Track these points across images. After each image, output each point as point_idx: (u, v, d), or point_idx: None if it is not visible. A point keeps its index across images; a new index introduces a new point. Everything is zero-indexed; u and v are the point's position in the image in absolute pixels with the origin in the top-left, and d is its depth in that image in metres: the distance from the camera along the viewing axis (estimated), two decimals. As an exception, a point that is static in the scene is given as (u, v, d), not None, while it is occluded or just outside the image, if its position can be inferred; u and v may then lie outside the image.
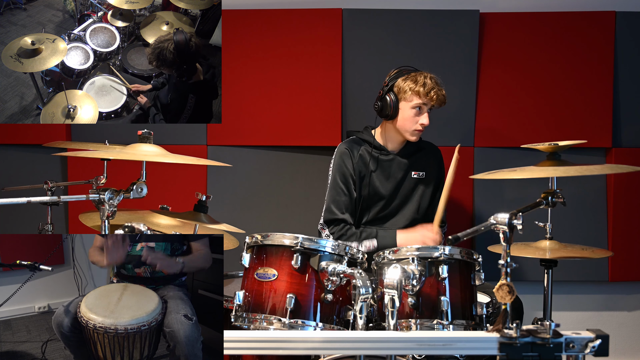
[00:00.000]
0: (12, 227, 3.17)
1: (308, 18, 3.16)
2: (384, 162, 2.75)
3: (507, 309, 1.59)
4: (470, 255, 2.06)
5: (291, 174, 3.24)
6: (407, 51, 3.16)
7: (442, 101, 2.63)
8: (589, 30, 3.17)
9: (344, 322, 2.01)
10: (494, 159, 3.19)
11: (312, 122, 3.18)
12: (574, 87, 3.19)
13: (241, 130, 3.20)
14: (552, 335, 1.55)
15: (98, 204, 2.00)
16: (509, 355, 1.55)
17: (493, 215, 1.67)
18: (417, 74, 2.63)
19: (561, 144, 2.10)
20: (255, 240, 2.07)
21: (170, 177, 3.14)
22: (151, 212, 2.47)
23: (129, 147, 2.14)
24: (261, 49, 3.17)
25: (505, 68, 3.19)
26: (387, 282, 1.78)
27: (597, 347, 1.55)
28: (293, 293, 1.94)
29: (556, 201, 1.98)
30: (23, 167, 3.19)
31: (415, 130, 2.66)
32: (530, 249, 2.25)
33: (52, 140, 2.90)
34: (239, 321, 1.99)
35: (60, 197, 2.02)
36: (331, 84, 3.17)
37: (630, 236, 3.22)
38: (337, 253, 2.01)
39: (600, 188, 3.23)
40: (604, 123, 3.19)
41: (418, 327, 1.97)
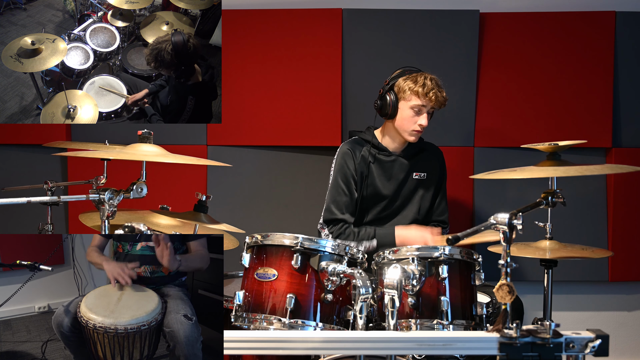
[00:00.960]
0: (12, 227, 3.17)
1: (308, 18, 3.16)
2: (385, 163, 2.74)
3: (507, 309, 1.58)
4: (470, 255, 2.06)
5: (291, 174, 3.24)
6: (407, 51, 3.16)
7: (441, 103, 2.63)
8: (589, 30, 3.17)
9: (344, 322, 2.00)
10: (494, 159, 3.19)
11: (312, 122, 3.18)
12: (574, 87, 3.19)
13: (241, 130, 3.20)
14: (552, 335, 1.55)
15: (98, 204, 2.00)
16: (509, 355, 1.55)
17: (493, 215, 1.67)
18: (418, 75, 2.63)
19: (561, 144, 2.10)
20: (255, 240, 2.07)
21: (170, 177, 3.14)
22: (151, 212, 2.47)
23: (129, 147, 2.14)
24: (261, 49, 3.17)
25: (505, 68, 3.19)
26: (387, 282, 1.78)
27: (597, 347, 1.55)
28: (293, 293, 1.94)
29: (556, 201, 1.98)
30: (23, 167, 3.19)
31: (414, 130, 2.66)
32: (530, 249, 2.25)
33: (52, 140, 2.90)
34: (239, 321, 1.99)
35: (60, 197, 2.02)
36: (331, 84, 3.17)
37: (630, 236, 3.22)
38: (337, 253, 2.01)
39: (600, 188, 3.23)
40: (604, 123, 3.19)
41: (418, 327, 1.97)
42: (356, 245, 2.62)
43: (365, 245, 2.61)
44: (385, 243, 2.59)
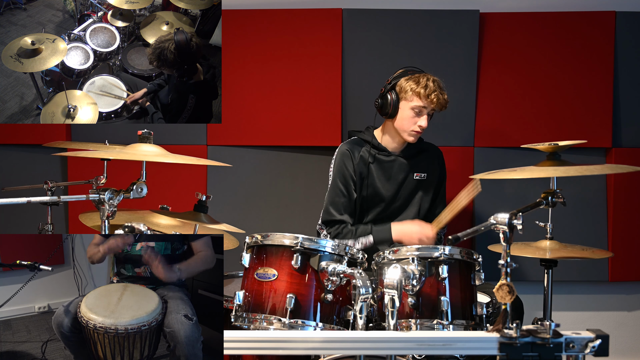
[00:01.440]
0: (12, 227, 3.17)
1: (308, 18, 3.16)
2: (385, 163, 2.74)
3: (507, 309, 1.58)
4: (470, 255, 2.06)
5: (291, 174, 3.24)
6: (407, 51, 3.16)
7: (442, 105, 2.62)
8: (589, 30, 3.17)
9: (344, 322, 2.01)
10: (494, 159, 3.19)
11: (312, 122, 3.18)
12: (574, 87, 3.19)
13: (241, 130, 3.20)
14: (552, 335, 1.55)
15: (98, 204, 2.00)
16: (509, 355, 1.55)
17: (493, 215, 1.67)
18: (421, 76, 2.63)
19: (561, 144, 2.10)
20: (255, 240, 2.07)
21: (170, 177, 3.14)
22: (151, 212, 2.47)
23: (129, 147, 2.14)
24: (261, 49, 3.17)
25: (505, 68, 3.19)
26: (387, 282, 1.78)
27: (597, 347, 1.55)
28: (293, 293, 1.94)
29: (556, 201, 1.98)
30: (23, 167, 3.19)
31: (413, 131, 2.66)
32: (530, 249, 2.25)
33: (52, 140, 2.90)
34: (239, 321, 1.99)
35: (60, 197, 2.02)
36: (331, 84, 3.17)
37: (630, 236, 3.22)
38: (337, 253, 2.01)
39: (600, 188, 3.23)
40: (604, 123, 3.19)
41: (418, 327, 1.97)
42: (354, 243, 2.62)
43: (362, 242, 2.61)
44: (381, 238, 2.59)
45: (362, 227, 2.65)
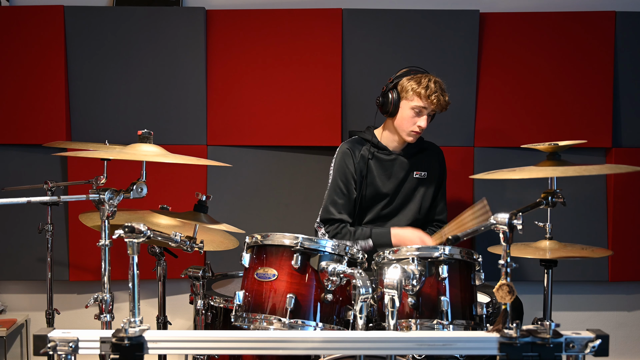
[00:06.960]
0: (12, 227, 3.17)
1: (308, 18, 3.16)
2: (385, 162, 2.74)
3: (507, 309, 1.58)
4: (470, 255, 2.06)
5: (291, 174, 3.24)
6: (407, 51, 3.16)
7: (443, 106, 2.62)
8: (589, 30, 3.17)
9: (344, 322, 2.00)
10: (494, 159, 3.19)
11: (312, 122, 3.18)
12: (574, 87, 3.19)
13: (241, 130, 3.20)
14: (552, 335, 1.55)
15: (98, 204, 2.00)
16: (509, 355, 1.55)
17: (493, 215, 1.67)
18: (423, 76, 2.62)
19: (561, 144, 2.10)
20: (255, 240, 2.06)
21: (170, 177, 3.14)
22: (151, 212, 2.46)
23: (129, 147, 2.14)
24: (261, 49, 3.17)
25: (505, 68, 3.19)
26: (387, 282, 1.77)
27: (597, 347, 1.55)
28: (293, 293, 1.94)
29: (556, 201, 1.98)
30: (23, 167, 3.19)
31: (412, 131, 2.66)
32: (530, 249, 2.25)
33: (52, 140, 2.90)
34: (239, 321, 1.99)
35: (60, 197, 2.02)
36: (331, 84, 3.17)
37: (630, 236, 3.22)
38: (337, 253, 2.01)
39: (600, 188, 3.23)
40: (604, 123, 3.19)
41: (418, 327, 1.97)
42: (352, 245, 2.62)
43: (361, 245, 2.61)
44: (381, 242, 2.59)
45: (360, 230, 2.65)
